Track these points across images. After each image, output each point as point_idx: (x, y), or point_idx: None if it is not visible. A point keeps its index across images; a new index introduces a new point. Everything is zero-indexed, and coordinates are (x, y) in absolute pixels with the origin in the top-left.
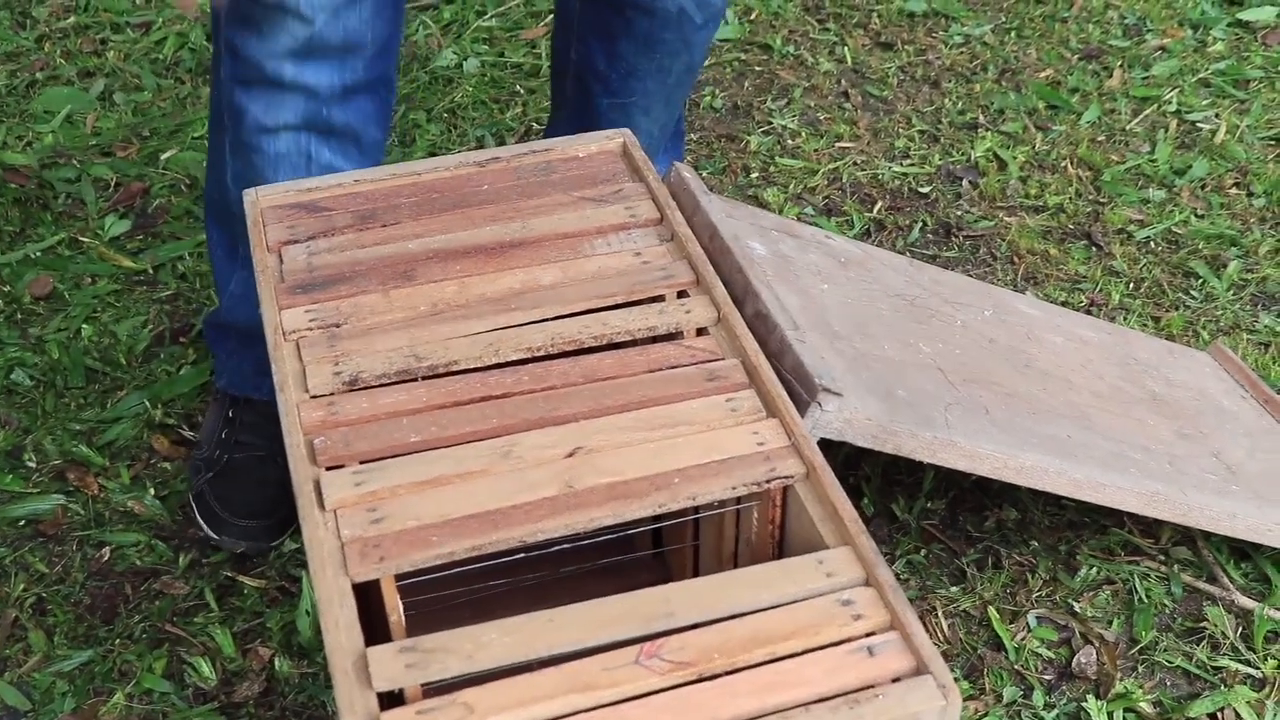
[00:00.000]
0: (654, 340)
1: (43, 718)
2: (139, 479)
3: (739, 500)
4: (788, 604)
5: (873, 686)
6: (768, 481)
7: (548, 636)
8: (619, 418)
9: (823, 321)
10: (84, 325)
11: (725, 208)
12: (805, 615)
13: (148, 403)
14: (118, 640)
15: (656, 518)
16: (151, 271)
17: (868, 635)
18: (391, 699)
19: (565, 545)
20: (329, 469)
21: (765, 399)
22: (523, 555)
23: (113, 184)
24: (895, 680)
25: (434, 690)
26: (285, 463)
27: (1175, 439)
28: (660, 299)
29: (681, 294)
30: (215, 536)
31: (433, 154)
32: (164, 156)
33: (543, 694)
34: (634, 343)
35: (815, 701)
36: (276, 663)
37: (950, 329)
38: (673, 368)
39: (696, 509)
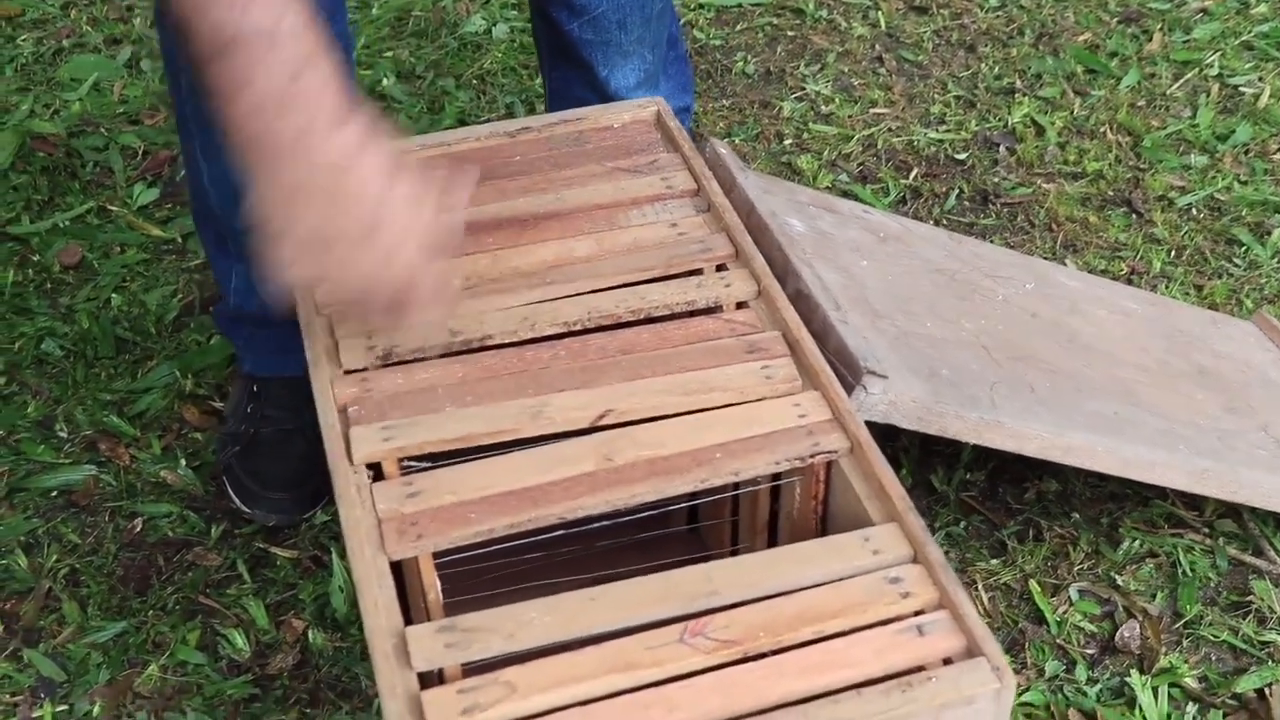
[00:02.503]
0: (692, 314)
1: (77, 689)
2: (170, 449)
3: (780, 475)
4: (834, 581)
5: (923, 668)
6: (811, 457)
7: (589, 615)
8: (651, 381)
9: (863, 300)
10: (113, 295)
11: (761, 184)
12: (852, 593)
13: (178, 373)
14: (151, 612)
15: (694, 492)
16: (180, 240)
17: (916, 614)
18: (431, 678)
19: (604, 522)
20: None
21: (807, 372)
22: (559, 530)
23: (140, 152)
24: (946, 661)
25: (474, 669)
26: (312, 436)
27: (1223, 413)
28: (698, 272)
29: (720, 267)
30: (247, 510)
31: (462, 121)
32: None
33: (584, 673)
34: (672, 317)
35: (866, 683)
36: (310, 635)
37: (992, 304)
38: (712, 340)
39: (736, 485)
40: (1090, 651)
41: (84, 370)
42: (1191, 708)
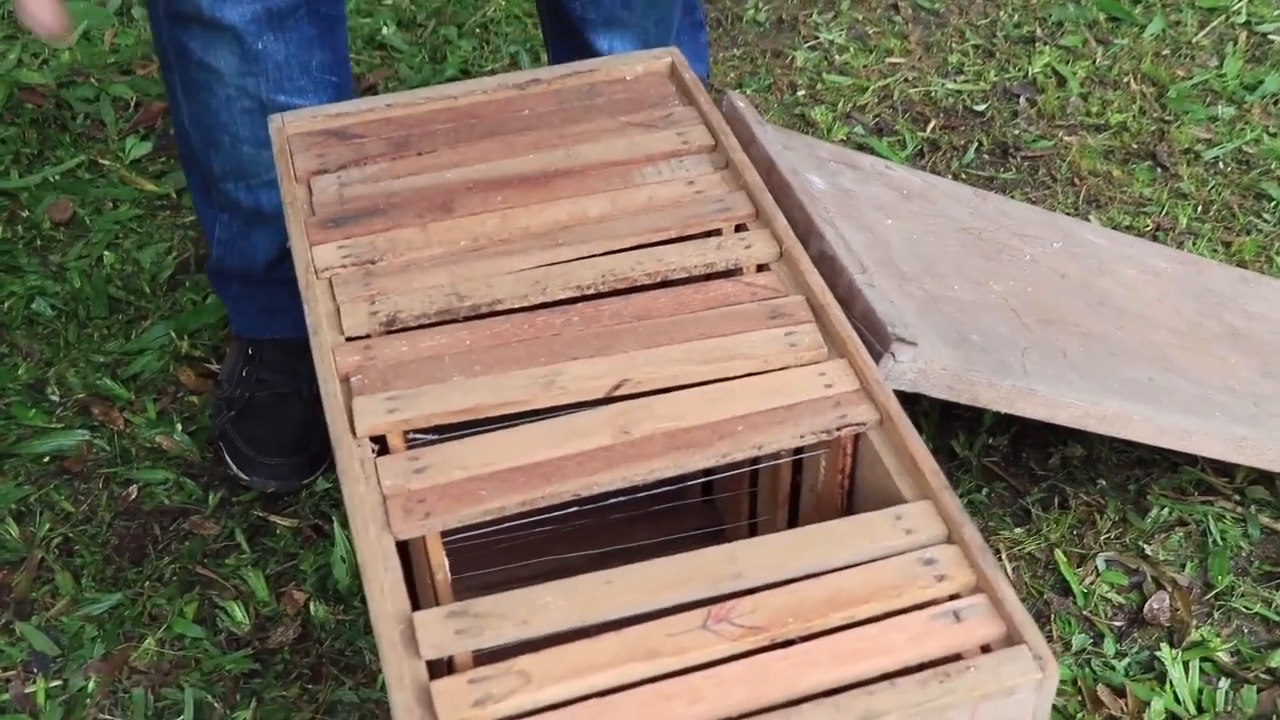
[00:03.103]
0: (711, 277)
1: (71, 664)
2: (165, 413)
3: (804, 448)
4: (865, 563)
5: (960, 655)
6: (838, 429)
7: (607, 600)
8: (669, 349)
9: (889, 261)
10: (105, 252)
11: (781, 138)
12: (885, 575)
13: (173, 333)
14: (147, 583)
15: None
16: (174, 196)
17: (952, 598)
18: (441, 667)
19: (620, 498)
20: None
21: (833, 339)
22: (573, 506)
23: (133, 104)
24: (984, 649)
25: (485, 656)
26: (310, 398)
27: (1259, 378)
28: (717, 233)
29: (740, 227)
30: (245, 477)
31: (465, 71)
32: None
33: (603, 661)
34: (689, 280)
35: (900, 672)
36: (312, 607)
37: (1020, 264)
38: (732, 305)
39: (757, 458)
40: (1118, 624)
41: (76, 331)
42: (1224, 683)
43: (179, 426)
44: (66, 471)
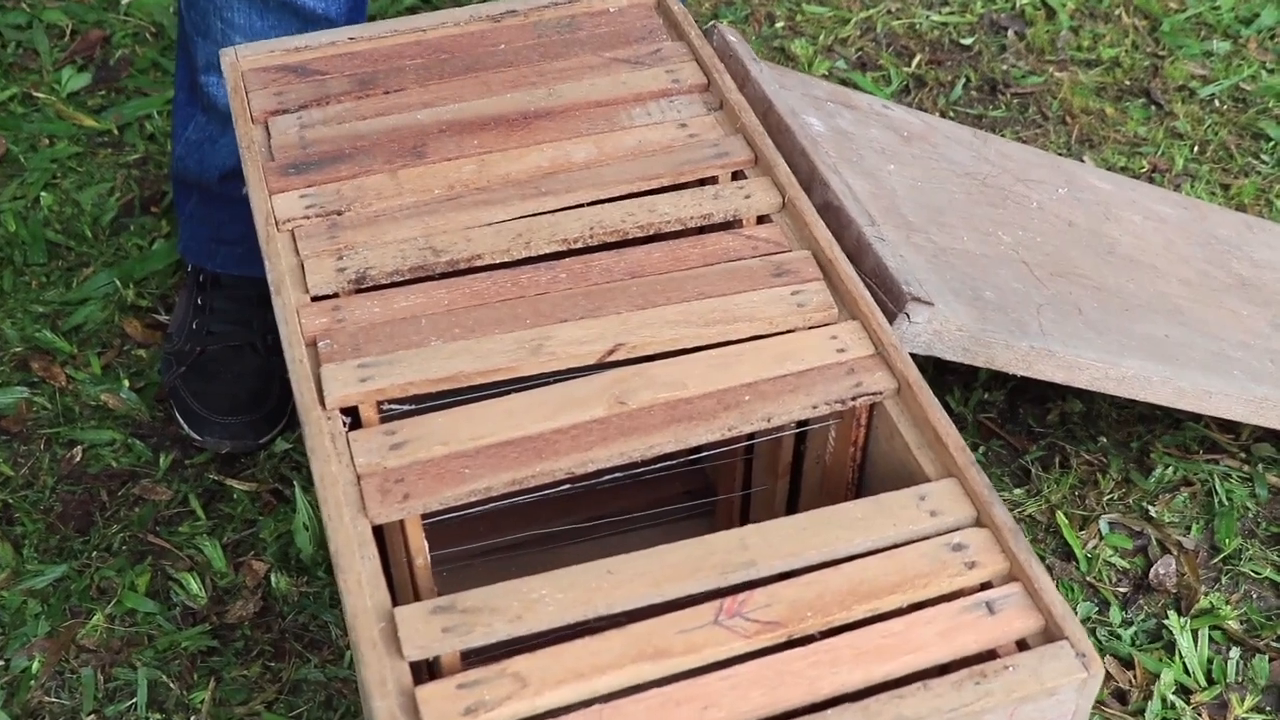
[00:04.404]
0: (706, 230)
1: (13, 642)
2: (111, 368)
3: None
4: (887, 548)
5: (995, 652)
6: (853, 399)
7: (608, 592)
8: (666, 310)
9: (895, 211)
10: (43, 193)
11: (776, 76)
12: (910, 562)
13: (118, 282)
14: (94, 553)
15: None
16: (116, 132)
17: (984, 587)
18: (425, 668)
19: (622, 476)
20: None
21: (843, 298)
22: (565, 484)
23: (68, 31)
24: (1020, 644)
25: (475, 657)
26: (264, 350)
27: (1272, 331)
28: (712, 180)
29: (737, 175)
30: (197, 436)
31: (425, 0)
32: (125, 1)
33: (607, 662)
34: (684, 232)
35: (932, 671)
36: (273, 579)
37: (1027, 212)
38: (733, 260)
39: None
40: (1123, 590)
41: (12, 279)
42: (1235, 652)
43: (125, 383)
44: (4, 432)
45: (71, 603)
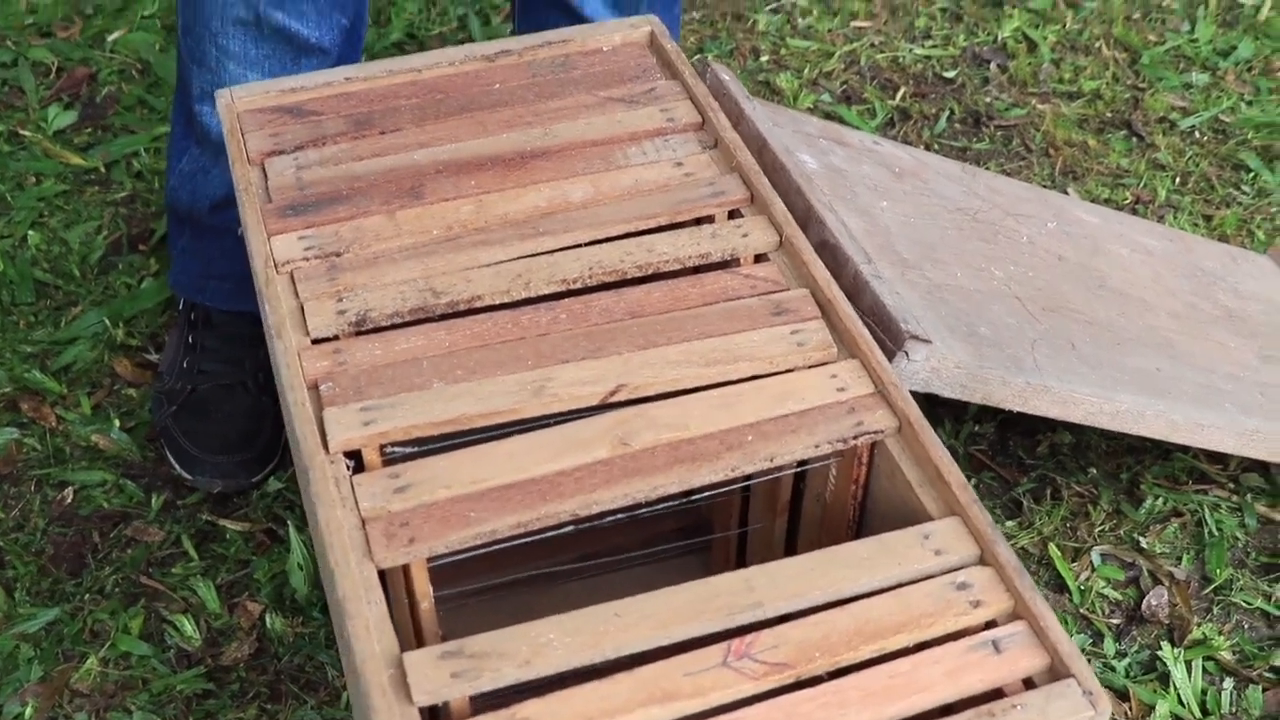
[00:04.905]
0: (703, 269)
1: (6, 688)
2: (101, 408)
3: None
4: (892, 588)
5: (1002, 691)
6: (855, 438)
7: (615, 635)
8: (667, 350)
9: (890, 248)
10: (30, 232)
11: (769, 114)
12: (915, 602)
13: (107, 321)
14: (87, 596)
15: None
16: (103, 170)
17: (989, 626)
18: (435, 713)
19: (621, 516)
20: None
21: (842, 337)
22: (569, 525)
23: (54, 69)
24: (1027, 683)
25: (484, 701)
26: (256, 389)
27: (1260, 363)
28: (709, 220)
29: (734, 213)
30: (189, 476)
31: (410, 35)
32: (111, 38)
33: (616, 706)
34: (683, 272)
35: (939, 711)
36: (268, 619)
37: (1018, 247)
38: (732, 300)
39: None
40: (1116, 621)
41: (0, 318)
42: (1229, 683)
43: (116, 423)
44: None
45: (64, 646)
